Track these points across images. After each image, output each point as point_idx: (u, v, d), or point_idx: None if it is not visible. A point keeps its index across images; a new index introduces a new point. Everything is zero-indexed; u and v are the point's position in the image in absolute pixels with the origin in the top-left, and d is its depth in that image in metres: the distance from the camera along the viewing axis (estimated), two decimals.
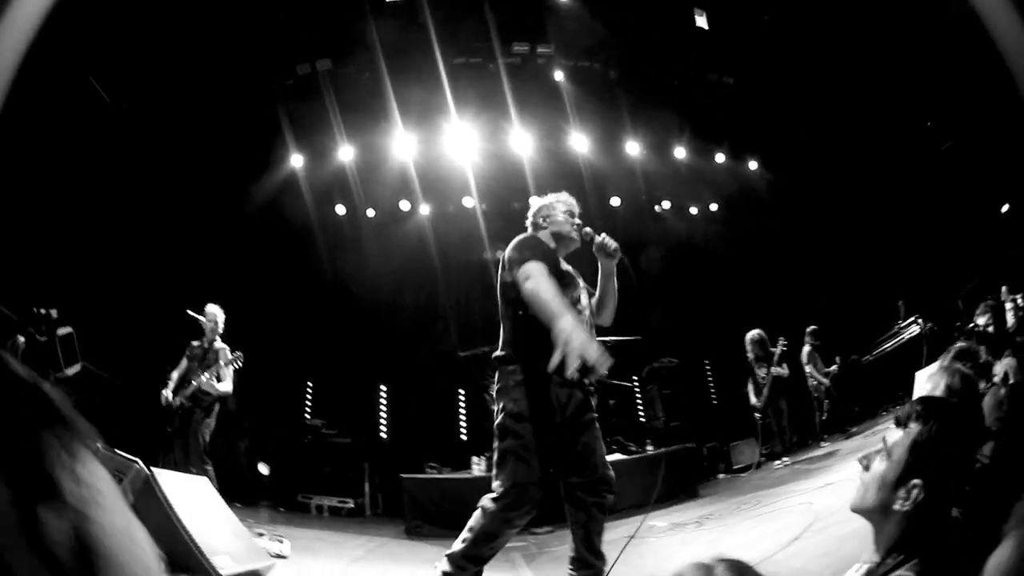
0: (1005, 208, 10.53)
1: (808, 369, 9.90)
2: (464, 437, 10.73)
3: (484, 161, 10.49)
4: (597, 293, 3.93)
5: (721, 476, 9.97)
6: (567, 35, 9.53)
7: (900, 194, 11.01)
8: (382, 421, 10.67)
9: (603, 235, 3.79)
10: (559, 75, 10.00)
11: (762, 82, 10.66)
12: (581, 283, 3.84)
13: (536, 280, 3.35)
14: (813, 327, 9.95)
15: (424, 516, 7.11)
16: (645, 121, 11.08)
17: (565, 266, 3.80)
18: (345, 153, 10.12)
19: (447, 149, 10.29)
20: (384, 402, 10.78)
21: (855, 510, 1.93)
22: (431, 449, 9.44)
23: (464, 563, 3.32)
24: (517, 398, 3.39)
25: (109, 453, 3.88)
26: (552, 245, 3.79)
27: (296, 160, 10.07)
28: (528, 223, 4.00)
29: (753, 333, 9.75)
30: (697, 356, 12.67)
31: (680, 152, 11.66)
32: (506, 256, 3.61)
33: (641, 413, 11.16)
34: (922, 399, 1.93)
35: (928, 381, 3.13)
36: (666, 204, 12.73)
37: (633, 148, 11.27)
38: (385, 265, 11.02)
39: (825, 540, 3.72)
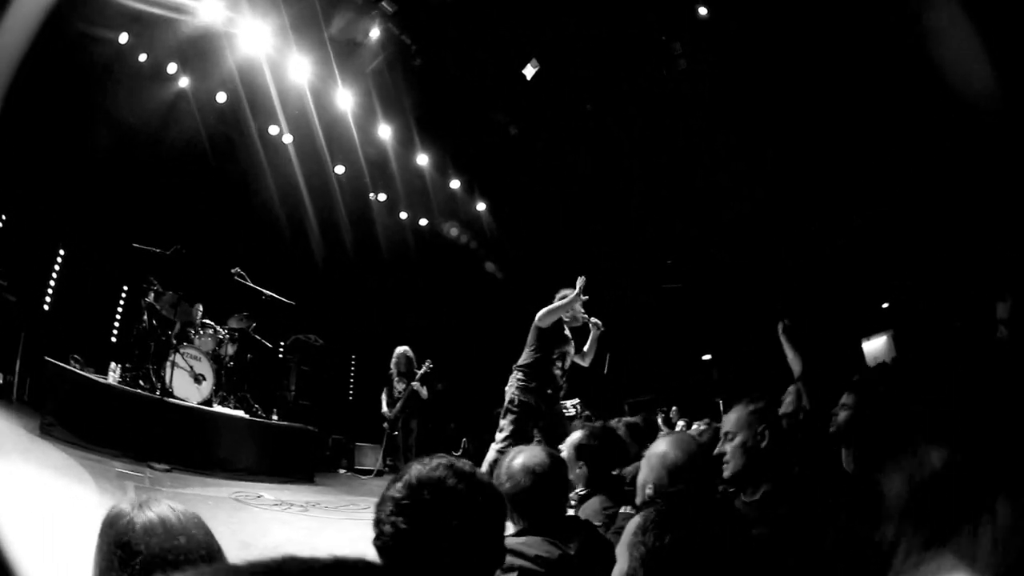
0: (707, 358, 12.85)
1: None
2: (113, 338, 9.43)
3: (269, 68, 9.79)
4: (586, 347, 6.58)
5: (342, 472, 10.29)
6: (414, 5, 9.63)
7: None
8: (50, 289, 8.85)
9: (595, 319, 6.42)
10: (375, 32, 9.90)
11: (541, 148, 11.60)
12: (571, 343, 6.43)
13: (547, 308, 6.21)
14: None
15: (58, 415, 6.36)
16: (403, 113, 11.29)
17: (566, 331, 6.41)
18: None
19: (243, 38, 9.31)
20: (58, 268, 8.93)
21: None
22: (80, 339, 8.33)
23: None
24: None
25: None
26: (566, 317, 6.35)
27: None
28: (557, 297, 6.29)
29: (402, 348, 10.11)
30: (347, 347, 12.85)
31: (423, 160, 11.96)
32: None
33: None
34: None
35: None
36: (382, 196, 12.93)
37: (385, 132, 11.31)
38: (133, 121, 9.59)
39: None
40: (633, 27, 9.65)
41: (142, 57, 9.59)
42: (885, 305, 11.31)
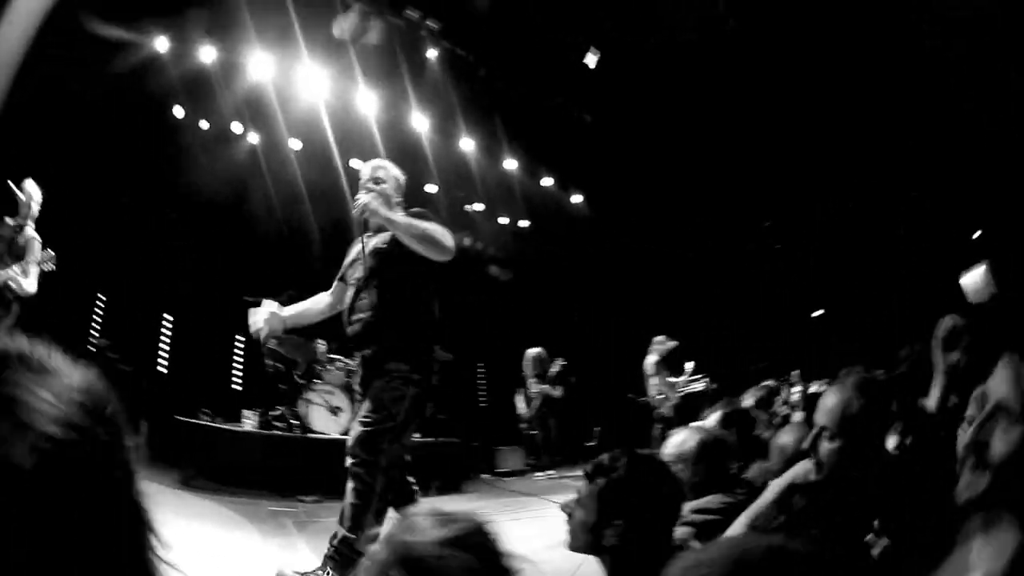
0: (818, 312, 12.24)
1: (653, 381, 9.49)
2: (238, 387, 9.89)
3: (334, 110, 9.86)
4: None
5: (485, 477, 10.08)
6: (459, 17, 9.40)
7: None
8: (162, 354, 9.40)
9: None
10: (432, 53, 9.67)
11: (618, 130, 11.26)
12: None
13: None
14: (663, 337, 9.61)
15: (199, 467, 6.64)
16: (487, 124, 11.17)
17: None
18: (207, 54, 8.74)
19: (302, 86, 9.48)
20: (167, 333, 9.50)
21: (571, 550, 2.25)
22: (204, 394, 8.69)
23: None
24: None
25: None
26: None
27: (161, 43, 8.45)
28: (368, 179, 4.06)
29: (533, 351, 10.31)
30: (472, 357, 12.88)
31: (511, 164, 11.91)
32: None
33: None
34: (594, 463, 2.20)
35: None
36: (479, 206, 12.98)
37: (468, 144, 11.27)
38: (207, 185, 9.85)
39: None
40: None
41: (204, 124, 9.95)
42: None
